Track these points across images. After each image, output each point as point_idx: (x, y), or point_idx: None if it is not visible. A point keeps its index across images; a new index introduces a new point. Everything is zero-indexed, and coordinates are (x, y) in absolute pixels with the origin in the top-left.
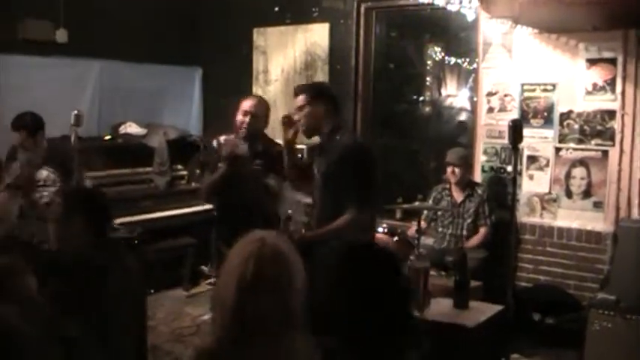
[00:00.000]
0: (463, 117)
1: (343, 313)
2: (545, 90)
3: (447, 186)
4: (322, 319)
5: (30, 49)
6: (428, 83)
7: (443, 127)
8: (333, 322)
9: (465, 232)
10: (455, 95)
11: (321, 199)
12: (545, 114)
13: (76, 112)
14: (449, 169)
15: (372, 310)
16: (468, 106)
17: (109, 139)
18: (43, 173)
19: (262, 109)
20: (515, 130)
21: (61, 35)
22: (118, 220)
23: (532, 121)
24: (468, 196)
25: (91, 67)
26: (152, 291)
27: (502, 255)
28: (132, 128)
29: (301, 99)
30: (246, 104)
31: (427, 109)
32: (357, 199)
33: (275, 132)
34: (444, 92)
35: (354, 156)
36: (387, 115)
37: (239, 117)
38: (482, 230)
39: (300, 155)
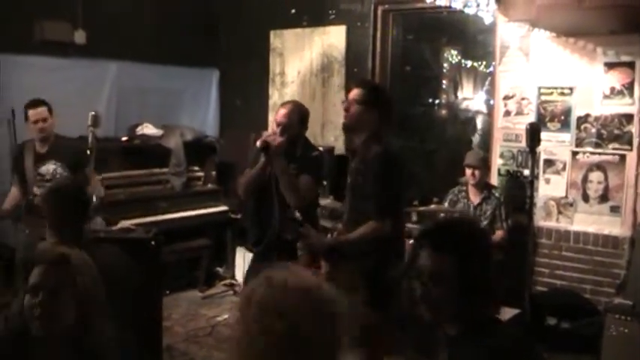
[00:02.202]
0: (479, 120)
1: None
2: (562, 93)
3: (464, 188)
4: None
5: (48, 51)
6: (444, 86)
7: (459, 129)
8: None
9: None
10: (471, 98)
11: (350, 206)
12: (563, 118)
13: (93, 113)
14: (468, 172)
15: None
16: (484, 109)
17: (126, 140)
18: (50, 167)
19: (295, 117)
20: (533, 133)
21: (80, 36)
22: (134, 221)
23: (549, 124)
24: (485, 198)
25: (108, 69)
26: (168, 292)
27: (518, 259)
28: (148, 129)
29: (358, 94)
30: (278, 114)
31: (443, 111)
32: (381, 209)
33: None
34: (460, 95)
35: (381, 165)
36: (404, 118)
37: (274, 125)
38: (499, 233)
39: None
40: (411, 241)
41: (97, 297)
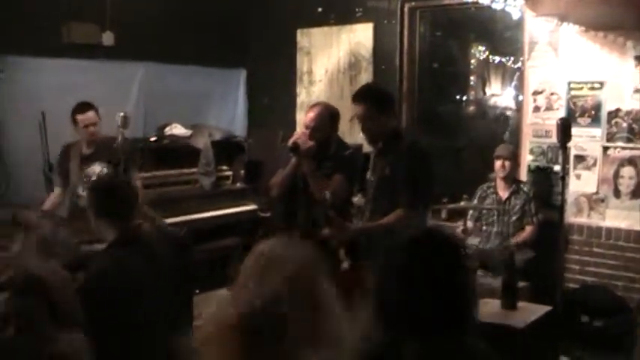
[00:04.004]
0: (507, 116)
1: (402, 304)
2: (592, 88)
3: (493, 184)
4: (383, 311)
5: (76, 53)
6: (472, 83)
7: (487, 126)
8: (393, 313)
9: (511, 230)
10: (499, 94)
11: (375, 201)
12: (593, 112)
13: (122, 114)
14: (498, 163)
15: (432, 302)
16: (512, 105)
17: (155, 141)
18: (96, 168)
19: (324, 120)
20: (564, 128)
21: (108, 38)
22: (165, 221)
23: (579, 119)
24: (514, 192)
25: (136, 70)
26: (198, 291)
27: (549, 255)
28: (177, 129)
29: (359, 111)
30: (308, 117)
31: (471, 108)
32: (411, 198)
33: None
34: (488, 91)
35: (412, 158)
36: (432, 115)
37: (303, 128)
38: (529, 228)
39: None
40: None
41: (76, 316)
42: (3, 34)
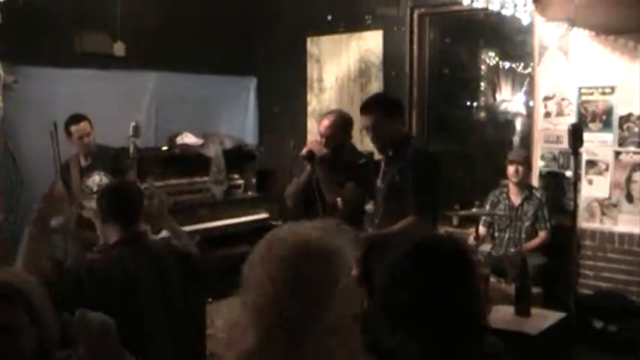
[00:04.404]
0: (518, 122)
1: (411, 309)
2: (603, 93)
3: (505, 189)
4: (391, 316)
5: (88, 63)
6: (482, 88)
7: (498, 132)
8: (402, 318)
9: (523, 236)
10: (509, 100)
11: (385, 208)
12: (604, 117)
13: (134, 123)
14: (512, 168)
15: (441, 307)
16: (523, 110)
17: (167, 150)
18: (96, 178)
19: (338, 128)
20: (575, 134)
21: (119, 48)
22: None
23: (590, 124)
24: (526, 198)
25: (147, 79)
26: (210, 299)
27: (562, 261)
28: (188, 138)
29: (367, 121)
30: (322, 125)
31: (482, 114)
32: (421, 204)
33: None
34: (498, 97)
35: (421, 164)
36: (442, 121)
37: (318, 136)
38: (542, 234)
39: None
40: None
41: (53, 327)
42: (17, 44)
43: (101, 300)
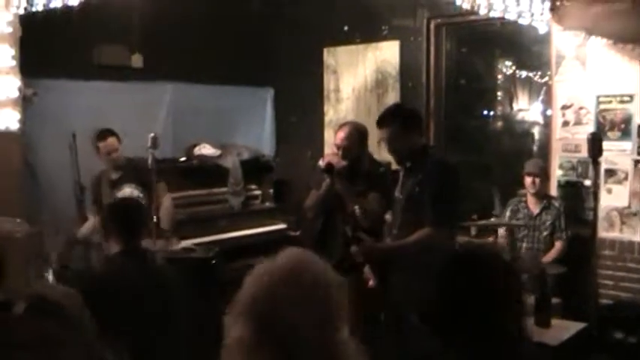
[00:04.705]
0: (535, 131)
1: (452, 315)
2: (622, 101)
3: (524, 199)
4: (427, 322)
5: (106, 75)
6: (499, 98)
7: (515, 141)
8: (443, 323)
9: (541, 246)
10: (527, 109)
11: (403, 218)
12: (623, 126)
13: (152, 134)
14: (529, 180)
15: (480, 315)
16: (540, 120)
17: (184, 161)
18: (127, 191)
19: (353, 140)
20: (595, 143)
21: (136, 60)
22: (195, 240)
23: (609, 133)
24: (545, 208)
25: (164, 90)
26: (227, 311)
27: (581, 271)
28: (206, 149)
29: (385, 134)
30: (337, 137)
31: (499, 124)
32: (438, 216)
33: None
34: (515, 107)
35: (439, 175)
36: (459, 131)
37: (334, 148)
38: (559, 244)
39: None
40: None
41: (93, 339)
42: (37, 58)
43: (103, 309)
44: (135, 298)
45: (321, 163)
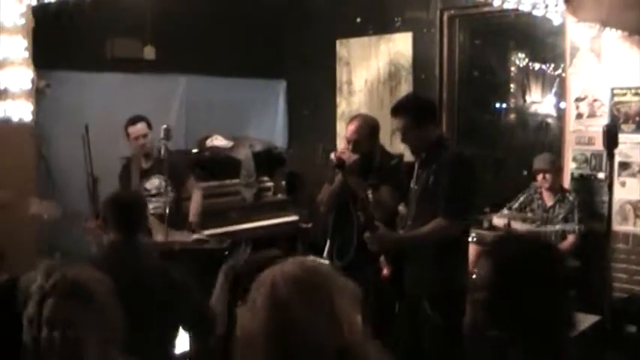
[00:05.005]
0: (548, 124)
1: (517, 305)
2: (636, 94)
3: (539, 189)
4: (493, 310)
5: (119, 67)
6: (512, 90)
7: (528, 134)
8: (505, 313)
9: (553, 238)
10: (539, 102)
11: (418, 210)
12: (637, 119)
13: (165, 126)
14: (539, 177)
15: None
16: (553, 112)
17: (197, 152)
18: (155, 182)
19: (363, 133)
20: (610, 135)
21: (149, 52)
22: (207, 232)
23: (623, 126)
24: (559, 201)
25: (177, 83)
26: (240, 302)
27: (594, 264)
28: (218, 141)
29: (400, 124)
30: (348, 131)
31: (512, 116)
32: (452, 208)
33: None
34: (528, 99)
35: (455, 167)
36: (472, 124)
37: (344, 142)
38: (571, 238)
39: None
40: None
41: (117, 326)
42: (50, 50)
43: None
44: (123, 288)
45: (333, 157)
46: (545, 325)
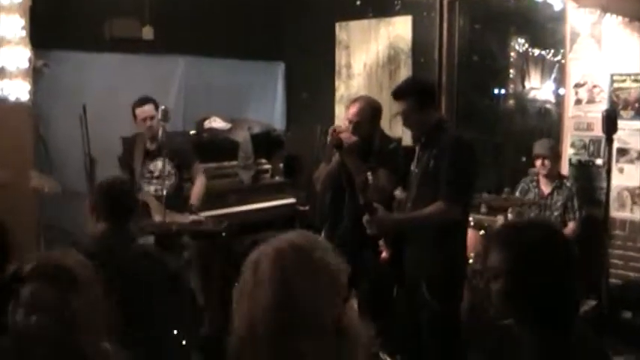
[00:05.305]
0: (548, 109)
1: (535, 293)
2: (636, 80)
3: (535, 178)
4: (512, 297)
5: (117, 48)
6: (512, 76)
7: (526, 120)
8: (524, 301)
9: None
10: (538, 88)
11: (418, 193)
12: (637, 105)
13: (163, 107)
14: (538, 162)
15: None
16: (552, 98)
17: (195, 134)
18: (159, 164)
19: (365, 115)
20: (610, 120)
21: (147, 33)
22: (205, 214)
23: (622, 112)
24: (556, 188)
25: (176, 64)
26: (237, 284)
27: (592, 250)
28: (216, 123)
29: (404, 105)
30: (349, 112)
31: (511, 102)
32: (452, 191)
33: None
34: (527, 85)
35: (455, 150)
36: (471, 109)
37: (345, 123)
38: (571, 225)
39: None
40: (481, 232)
41: (105, 313)
42: (48, 29)
43: None
44: (113, 276)
45: (330, 131)
46: (560, 310)
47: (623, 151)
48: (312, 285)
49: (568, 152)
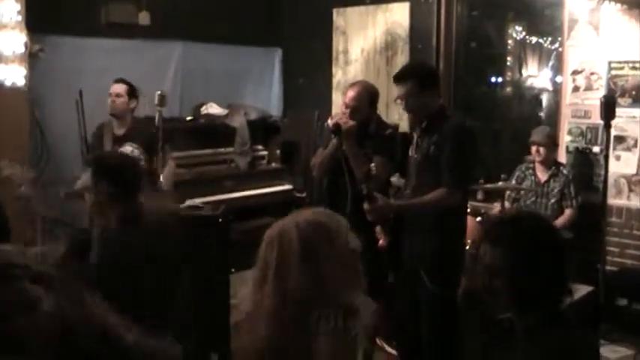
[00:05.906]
0: (545, 97)
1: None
2: (634, 68)
3: (531, 165)
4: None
5: (113, 33)
6: (509, 63)
7: (524, 107)
8: (523, 289)
9: (549, 213)
10: (536, 75)
11: (418, 180)
12: (634, 92)
13: (159, 92)
14: (533, 149)
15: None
16: (549, 85)
17: (191, 120)
18: (127, 149)
19: (363, 99)
20: (608, 106)
21: (144, 18)
22: (201, 200)
23: (620, 100)
24: (553, 175)
25: (173, 49)
26: (233, 270)
27: (588, 237)
28: (213, 109)
29: (405, 88)
30: (347, 97)
31: (508, 89)
32: (454, 178)
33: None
34: (524, 72)
35: (458, 136)
36: (468, 95)
37: (343, 107)
38: (569, 212)
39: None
40: (478, 219)
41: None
42: (44, 14)
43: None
44: (138, 272)
45: (330, 122)
46: (555, 295)
47: (620, 139)
48: (336, 265)
49: (565, 139)
